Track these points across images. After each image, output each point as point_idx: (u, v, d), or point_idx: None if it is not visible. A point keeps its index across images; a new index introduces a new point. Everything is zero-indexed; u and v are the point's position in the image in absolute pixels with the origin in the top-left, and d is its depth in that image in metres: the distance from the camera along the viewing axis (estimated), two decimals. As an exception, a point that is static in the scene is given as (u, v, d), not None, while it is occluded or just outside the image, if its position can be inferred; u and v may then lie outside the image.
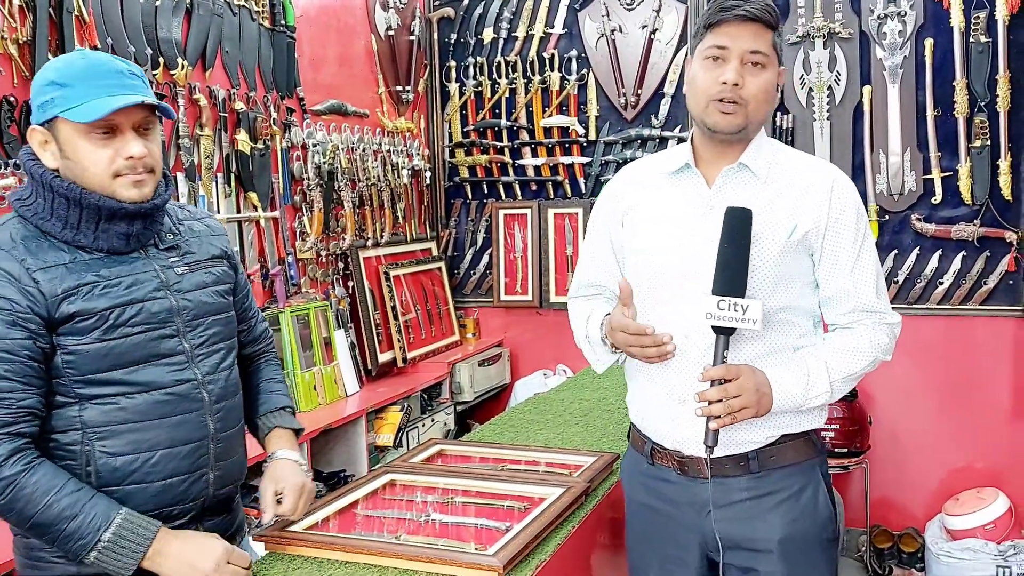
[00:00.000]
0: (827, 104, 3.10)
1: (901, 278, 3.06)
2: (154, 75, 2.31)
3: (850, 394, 2.85)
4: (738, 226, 1.26)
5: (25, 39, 1.97)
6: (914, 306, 3.04)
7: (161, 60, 2.33)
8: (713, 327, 1.25)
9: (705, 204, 1.35)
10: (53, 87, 1.15)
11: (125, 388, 1.19)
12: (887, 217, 3.08)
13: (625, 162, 3.42)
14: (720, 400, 1.24)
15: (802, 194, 1.33)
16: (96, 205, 1.17)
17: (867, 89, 3.05)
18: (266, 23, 2.74)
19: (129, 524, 1.14)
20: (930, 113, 2.98)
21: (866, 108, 3.05)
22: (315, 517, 1.43)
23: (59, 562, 1.19)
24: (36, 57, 1.97)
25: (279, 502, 1.33)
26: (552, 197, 3.58)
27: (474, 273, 3.73)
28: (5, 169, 1.90)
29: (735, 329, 1.25)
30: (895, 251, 3.07)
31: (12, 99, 1.95)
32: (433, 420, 3.15)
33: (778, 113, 3.15)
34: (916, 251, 3.05)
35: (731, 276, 1.25)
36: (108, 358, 1.18)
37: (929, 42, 2.96)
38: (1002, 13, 2.83)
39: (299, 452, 1.42)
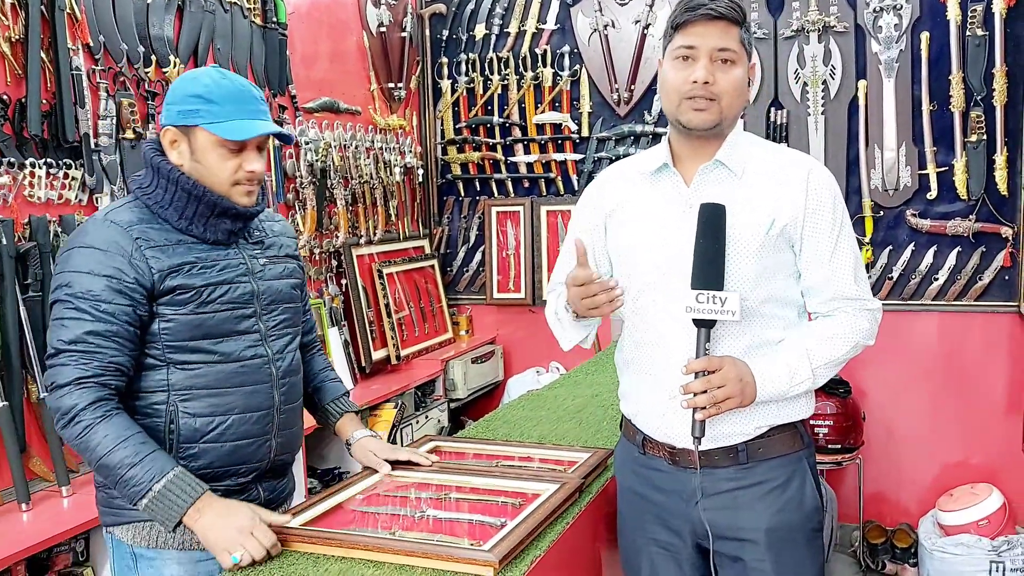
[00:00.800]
0: (822, 99, 3.09)
1: (896, 274, 3.06)
2: (146, 73, 2.30)
3: (844, 390, 2.89)
4: (712, 221, 1.30)
5: (18, 37, 1.96)
6: (909, 302, 3.04)
7: (153, 58, 2.32)
8: (694, 320, 1.29)
9: (684, 203, 1.38)
10: (199, 100, 1.34)
11: (209, 357, 1.37)
12: (882, 212, 3.07)
13: (618, 158, 3.41)
14: (705, 391, 1.28)
15: (779, 188, 1.36)
16: (214, 203, 1.37)
17: (862, 83, 3.04)
18: (258, 20, 2.73)
19: (179, 481, 1.27)
20: (926, 107, 2.97)
21: (861, 103, 3.05)
22: (310, 513, 1.44)
23: (131, 509, 1.34)
24: (28, 55, 1.96)
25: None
26: (545, 194, 3.59)
27: (467, 271, 3.74)
28: (-2, 167, 1.90)
29: (715, 321, 1.29)
30: (890, 247, 3.07)
31: (5, 97, 1.94)
32: (427, 417, 3.16)
33: (772, 108, 3.15)
34: (911, 247, 3.05)
35: (708, 270, 1.29)
36: (200, 328, 1.36)
37: (925, 36, 2.95)
38: (999, 6, 2.82)
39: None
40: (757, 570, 1.38)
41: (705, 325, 1.30)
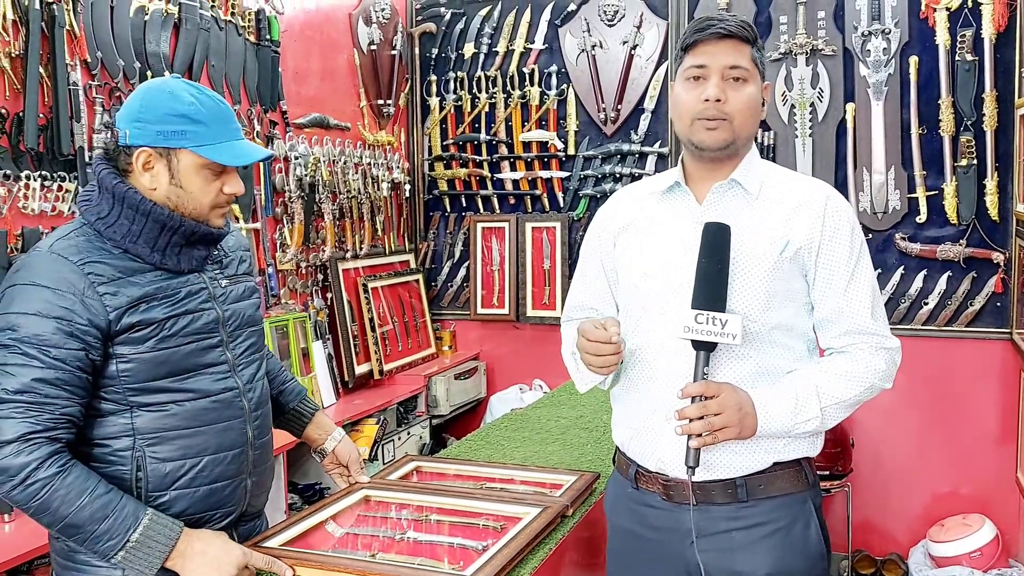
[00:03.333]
0: (809, 121, 3.09)
1: (885, 298, 3.00)
2: (140, 89, 2.32)
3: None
4: (716, 240, 1.25)
5: (18, 52, 1.98)
6: (898, 327, 2.96)
7: (149, 73, 2.34)
8: (692, 342, 1.23)
9: (696, 221, 1.32)
10: (184, 120, 1.23)
11: (176, 395, 1.26)
12: (871, 236, 3.00)
13: (604, 177, 3.48)
14: (701, 418, 1.21)
15: (795, 210, 1.31)
16: (192, 231, 1.27)
17: (850, 106, 3.04)
18: (251, 38, 2.76)
19: (155, 525, 1.19)
20: (915, 131, 2.96)
21: (849, 125, 3.05)
22: (289, 533, 1.42)
23: (100, 565, 1.23)
24: (28, 70, 1.98)
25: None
26: (530, 211, 3.62)
27: (451, 286, 3.76)
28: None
29: (715, 345, 1.22)
30: (879, 270, 3.00)
31: (3, 111, 1.96)
32: (409, 433, 3.16)
33: (759, 130, 3.19)
34: (900, 271, 3.02)
35: (708, 290, 1.23)
36: (164, 366, 1.25)
37: (914, 59, 2.95)
38: (988, 31, 2.82)
39: None
40: None
41: (704, 348, 1.23)
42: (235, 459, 1.33)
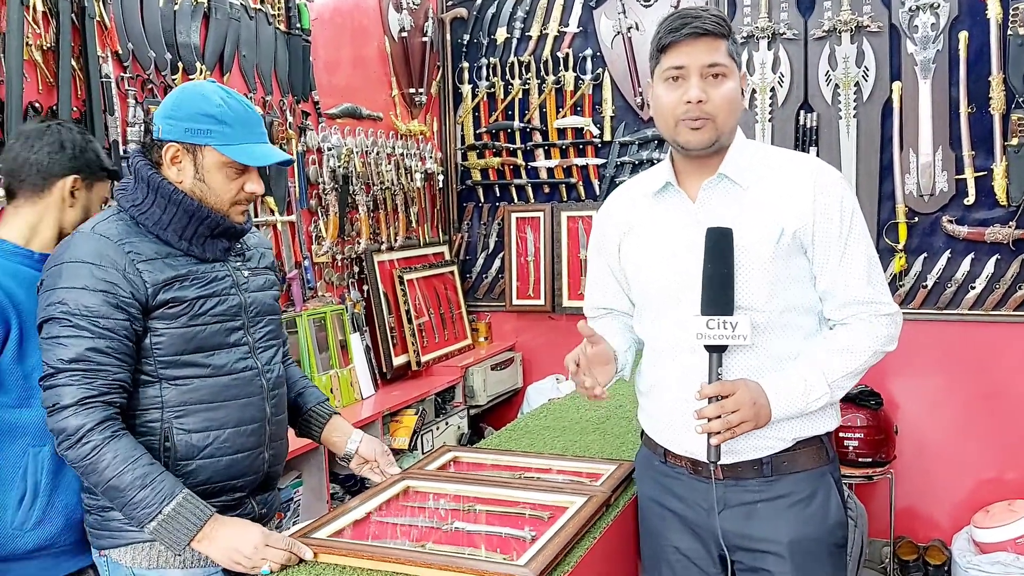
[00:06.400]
0: (854, 101, 3.00)
1: (931, 282, 2.96)
2: (173, 80, 2.31)
3: (875, 403, 2.82)
4: (718, 245, 1.29)
5: (49, 45, 1.98)
6: (944, 311, 2.93)
7: (180, 65, 2.34)
8: (705, 346, 1.29)
9: (692, 219, 1.38)
10: (211, 120, 1.33)
11: (201, 371, 1.36)
12: (916, 219, 2.96)
13: (641, 163, 3.41)
14: (719, 416, 1.27)
15: (785, 195, 1.35)
16: (216, 223, 1.38)
17: (896, 85, 2.95)
18: (282, 27, 2.74)
19: (188, 503, 1.27)
20: (963, 110, 2.86)
21: (895, 105, 2.95)
22: (336, 524, 1.43)
23: (130, 529, 1.32)
24: (60, 63, 1.98)
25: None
26: (565, 199, 3.57)
27: (486, 277, 3.72)
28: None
29: (727, 346, 1.29)
30: (924, 254, 2.96)
31: (37, 105, 1.96)
32: (447, 424, 3.15)
33: (801, 111, 3.09)
34: (947, 254, 2.93)
35: (716, 295, 1.29)
36: (192, 342, 1.35)
37: (963, 35, 2.85)
38: None
39: None
40: None
41: (717, 350, 1.30)
42: (254, 432, 1.42)
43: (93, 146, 1.53)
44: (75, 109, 2.03)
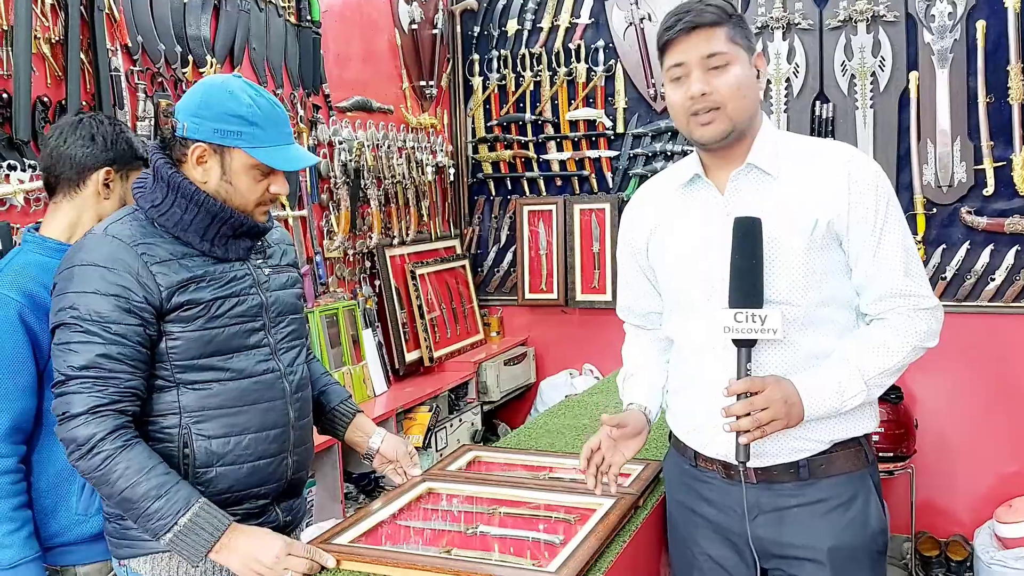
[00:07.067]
0: (870, 91, 2.97)
1: (950, 274, 2.94)
2: (183, 73, 2.28)
3: (895, 396, 2.79)
4: (747, 235, 1.24)
5: (57, 38, 1.94)
6: (963, 304, 2.92)
7: (190, 58, 2.30)
8: (733, 340, 1.24)
9: (721, 211, 1.33)
10: (241, 122, 1.27)
11: (220, 375, 1.31)
12: (935, 210, 2.93)
13: (654, 155, 3.36)
14: (748, 414, 1.22)
15: (818, 184, 1.29)
16: (240, 223, 1.32)
17: (913, 75, 2.92)
18: (292, 19, 2.70)
19: (205, 513, 1.22)
20: (982, 100, 2.83)
21: (912, 95, 2.92)
22: (358, 529, 1.40)
23: (149, 539, 1.27)
24: (68, 56, 1.94)
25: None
26: (578, 192, 3.52)
27: (498, 271, 3.69)
28: (36, 171, 1.88)
29: (756, 341, 1.24)
30: (943, 245, 2.93)
31: (46, 99, 1.92)
32: (461, 420, 3.12)
33: (817, 102, 3.05)
34: (966, 245, 2.90)
35: (745, 287, 1.23)
36: (209, 345, 1.29)
37: (981, 24, 2.81)
38: None
39: None
40: None
41: (746, 345, 1.24)
42: (277, 438, 1.37)
43: (125, 136, 1.50)
44: (84, 103, 1.99)
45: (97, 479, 1.22)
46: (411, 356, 3.12)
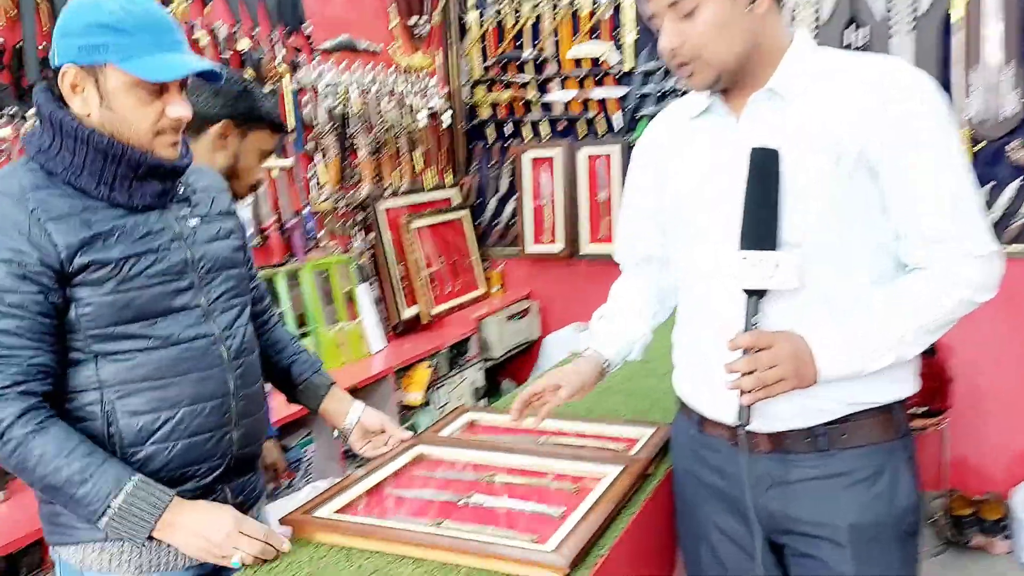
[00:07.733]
0: (910, 15, 2.71)
1: (997, 215, 2.71)
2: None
3: (928, 349, 2.63)
4: (762, 169, 1.10)
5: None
6: (1010, 247, 2.69)
7: (152, -8, 2.11)
8: (744, 290, 1.11)
9: (734, 142, 1.17)
10: (106, 31, 1.07)
11: (142, 343, 1.15)
12: (981, 145, 2.68)
13: (666, 94, 3.15)
14: (752, 371, 1.09)
15: (847, 106, 1.11)
16: (138, 162, 1.13)
17: None
18: (267, -51, 2.49)
19: (141, 492, 1.10)
20: None
21: (959, 16, 2.64)
22: (344, 498, 1.30)
23: (81, 527, 1.16)
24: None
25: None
26: (583, 136, 3.32)
27: (498, 222, 3.52)
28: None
29: (765, 292, 1.10)
30: (991, 183, 2.70)
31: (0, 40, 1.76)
32: (463, 378, 3.01)
33: (847, 29, 2.79)
34: (1015, 184, 2.68)
35: (757, 227, 1.10)
36: (127, 310, 1.14)
37: None
38: None
39: None
40: (835, 572, 1.17)
41: (756, 294, 1.11)
42: (215, 410, 1.22)
43: (253, 94, 1.47)
44: (41, 47, 1.83)
45: (14, 468, 1.09)
46: (409, 312, 2.99)
